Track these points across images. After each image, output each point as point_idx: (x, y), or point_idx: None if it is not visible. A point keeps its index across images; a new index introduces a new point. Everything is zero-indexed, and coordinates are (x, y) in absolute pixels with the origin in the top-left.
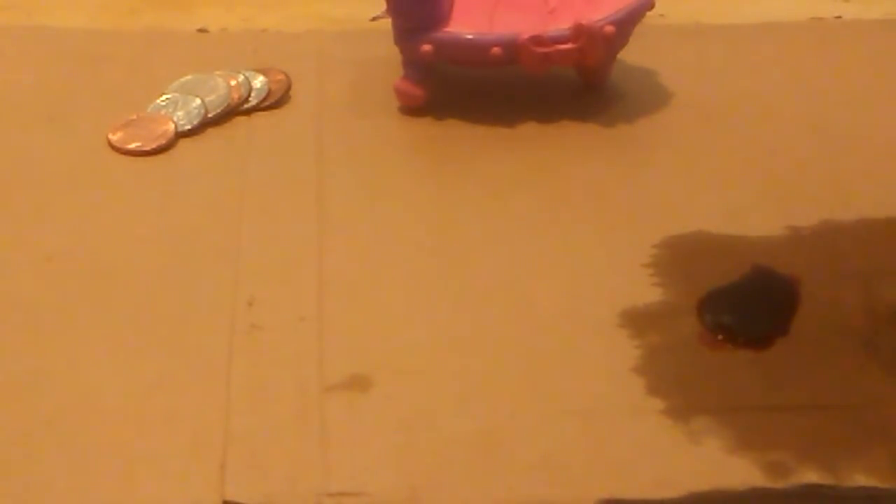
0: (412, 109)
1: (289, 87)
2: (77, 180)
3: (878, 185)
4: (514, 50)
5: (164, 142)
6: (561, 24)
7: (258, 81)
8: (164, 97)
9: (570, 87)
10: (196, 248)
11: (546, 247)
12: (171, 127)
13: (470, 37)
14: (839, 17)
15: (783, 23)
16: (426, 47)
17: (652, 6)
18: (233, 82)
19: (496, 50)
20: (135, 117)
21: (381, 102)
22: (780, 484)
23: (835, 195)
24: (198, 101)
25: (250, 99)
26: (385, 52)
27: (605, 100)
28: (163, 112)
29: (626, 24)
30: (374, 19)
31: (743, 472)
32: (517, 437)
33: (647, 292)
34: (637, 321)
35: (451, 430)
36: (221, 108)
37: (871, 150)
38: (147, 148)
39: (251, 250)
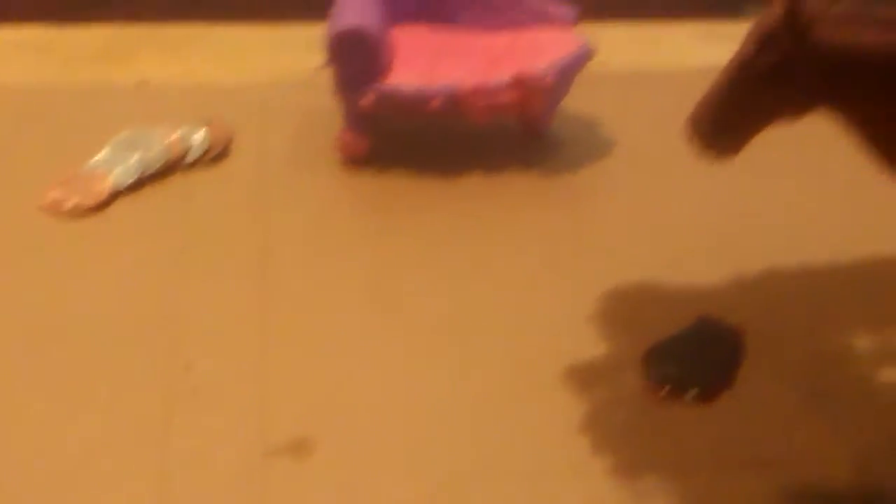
0: (355, 161)
1: (230, 141)
2: (12, 243)
3: (822, 232)
4: (455, 101)
5: (101, 200)
6: (503, 74)
7: (198, 136)
8: (101, 153)
9: (513, 136)
10: (133, 311)
11: (490, 301)
12: (109, 184)
13: (411, 89)
14: None
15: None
16: (367, 99)
17: (592, 55)
18: (172, 137)
19: (437, 102)
20: (71, 175)
21: (324, 154)
22: None
23: (778, 242)
24: (136, 156)
25: (190, 154)
26: (328, 103)
27: (548, 148)
28: (100, 169)
29: (567, 73)
30: (316, 70)
31: None
32: (461, 502)
33: (592, 346)
34: (581, 376)
35: (394, 496)
36: (160, 163)
37: (814, 196)
38: (84, 207)
39: (190, 311)
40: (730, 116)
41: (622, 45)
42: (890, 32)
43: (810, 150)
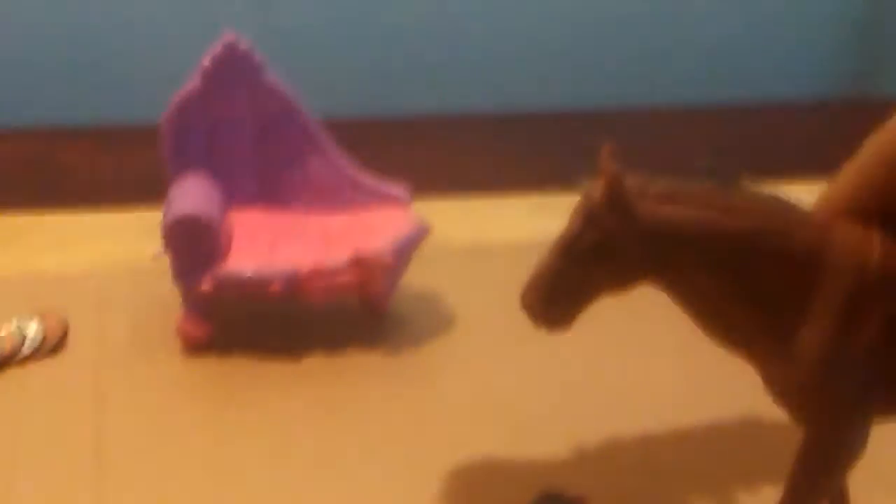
0: (196, 347)
1: (66, 332)
2: None
3: (662, 398)
4: (294, 284)
5: None
6: (341, 255)
7: (32, 329)
8: None
9: (354, 315)
10: None
11: (333, 489)
12: None
13: (249, 274)
14: None
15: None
16: (206, 286)
17: (428, 233)
18: (3, 333)
19: (276, 286)
20: None
21: (163, 342)
22: None
23: (615, 409)
24: None
25: (24, 349)
26: (166, 289)
27: (389, 326)
28: None
29: (404, 252)
30: (155, 257)
31: None
32: None
33: None
34: None
35: None
36: None
37: (651, 362)
38: None
39: None
40: (558, 291)
41: (457, 220)
42: (703, 209)
43: (642, 319)
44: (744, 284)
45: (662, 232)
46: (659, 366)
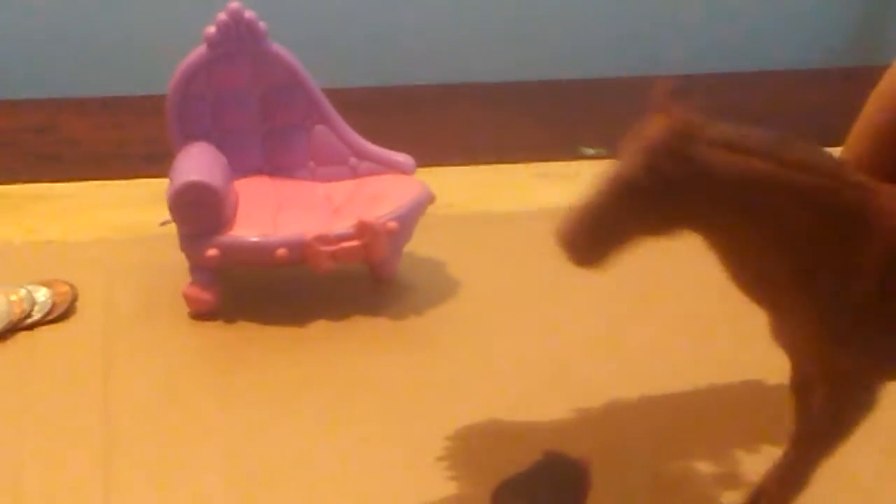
0: (202, 314)
1: (74, 299)
2: None
3: (661, 362)
4: (299, 250)
5: None
6: (345, 223)
7: (41, 294)
8: None
9: (359, 282)
10: None
11: (340, 446)
12: None
13: (255, 239)
14: None
15: (565, 207)
16: (212, 252)
17: (433, 200)
18: (14, 297)
19: (282, 251)
20: None
21: (171, 309)
22: None
23: (618, 375)
24: None
25: (33, 313)
26: (173, 257)
27: (395, 293)
28: None
29: (409, 218)
30: (162, 225)
31: None
32: None
33: (441, 486)
34: None
35: None
36: (2, 324)
37: (654, 326)
38: None
39: (33, 472)
40: (602, 229)
41: (461, 188)
42: (761, 160)
43: (645, 281)
44: (788, 238)
45: (719, 179)
46: (661, 331)
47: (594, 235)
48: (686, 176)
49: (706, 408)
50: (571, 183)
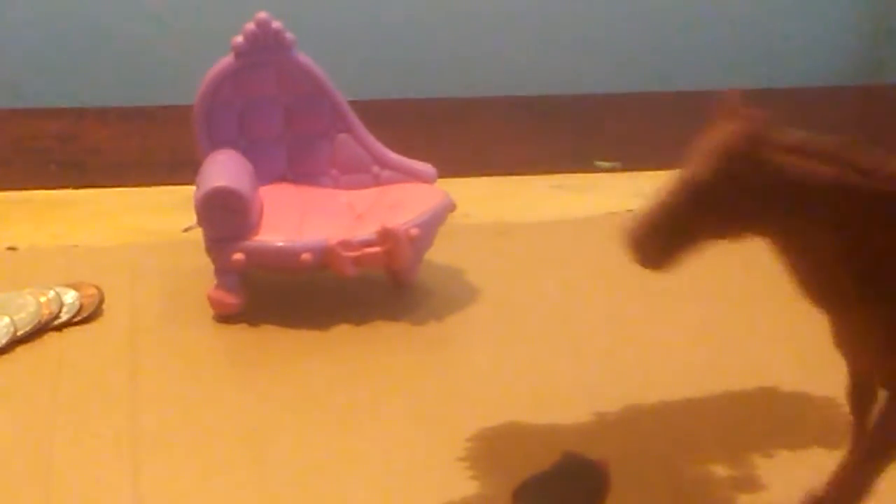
0: (227, 317)
1: (101, 301)
2: None
3: (679, 366)
4: (323, 255)
5: None
6: (368, 229)
7: (69, 297)
8: None
9: (381, 287)
10: (4, 470)
11: (362, 447)
12: None
13: (280, 244)
14: (631, 210)
15: (580, 218)
16: (237, 256)
17: (454, 208)
18: (43, 299)
19: (306, 256)
20: None
21: (196, 312)
22: None
23: (636, 380)
24: (6, 319)
25: (61, 315)
26: (198, 261)
27: (415, 299)
28: None
29: (430, 226)
30: (185, 230)
31: None
32: None
33: (463, 485)
34: None
35: None
36: (31, 325)
37: (672, 331)
38: None
39: (62, 473)
40: (672, 232)
41: (480, 198)
42: (835, 165)
43: (663, 287)
44: (854, 244)
45: (792, 184)
46: (679, 335)
47: (664, 237)
48: (757, 179)
49: (724, 412)
50: (586, 195)
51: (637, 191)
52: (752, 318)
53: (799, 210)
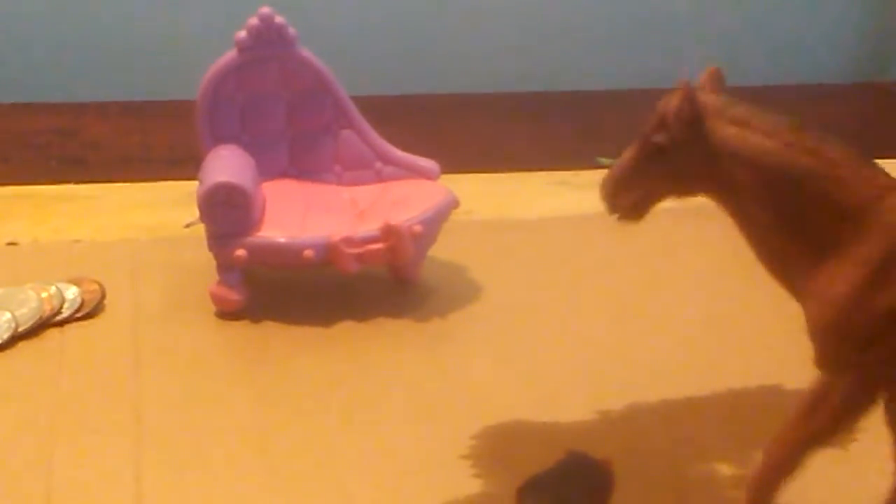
0: (229, 313)
1: (103, 297)
2: None
3: (683, 365)
4: (326, 252)
5: None
6: (370, 226)
7: (71, 292)
8: None
9: (383, 284)
10: (5, 466)
11: (365, 443)
12: None
13: (282, 240)
14: None
15: (583, 215)
16: (240, 252)
17: (457, 205)
18: (44, 294)
19: (309, 252)
20: None
21: (198, 308)
22: None
23: (639, 377)
24: (7, 314)
25: (63, 310)
26: (200, 257)
27: (418, 295)
28: None
29: (433, 222)
30: (187, 226)
31: None
32: None
33: (467, 483)
34: None
35: None
36: (33, 320)
37: (672, 330)
38: None
39: (64, 468)
40: (631, 182)
41: (483, 195)
42: (768, 138)
43: (667, 284)
44: (789, 219)
45: (722, 151)
46: (685, 333)
47: (626, 188)
48: (700, 146)
49: (729, 410)
50: (589, 192)
51: None
52: (756, 316)
53: (731, 177)
